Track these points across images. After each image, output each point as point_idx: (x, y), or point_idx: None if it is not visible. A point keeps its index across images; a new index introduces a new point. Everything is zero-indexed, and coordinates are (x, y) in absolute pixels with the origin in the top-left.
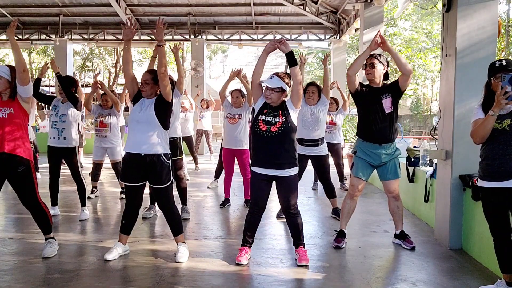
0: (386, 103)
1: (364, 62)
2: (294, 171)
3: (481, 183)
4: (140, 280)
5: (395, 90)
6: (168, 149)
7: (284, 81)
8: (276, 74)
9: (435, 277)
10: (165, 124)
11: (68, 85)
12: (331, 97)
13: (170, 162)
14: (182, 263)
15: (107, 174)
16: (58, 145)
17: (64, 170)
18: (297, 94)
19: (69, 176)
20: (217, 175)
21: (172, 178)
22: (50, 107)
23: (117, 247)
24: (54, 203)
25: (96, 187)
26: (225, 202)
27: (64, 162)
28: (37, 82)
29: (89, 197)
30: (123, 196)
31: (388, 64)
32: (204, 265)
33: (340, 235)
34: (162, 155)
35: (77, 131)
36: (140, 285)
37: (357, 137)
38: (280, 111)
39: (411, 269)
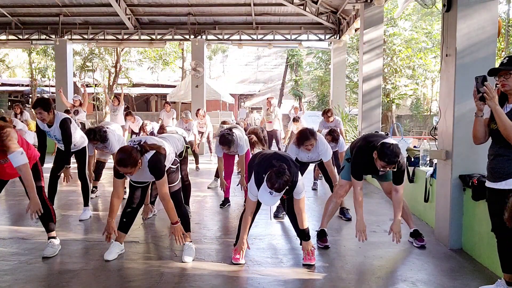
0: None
1: None
2: None
3: (486, 182)
4: (140, 280)
5: (396, 174)
6: (174, 156)
7: (284, 187)
8: (273, 186)
9: (435, 277)
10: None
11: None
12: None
13: (177, 165)
14: (188, 262)
15: (107, 174)
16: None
17: None
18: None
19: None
20: (217, 175)
21: (179, 177)
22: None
23: (114, 246)
24: (51, 203)
25: (96, 187)
26: (225, 202)
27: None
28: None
29: (90, 197)
30: (124, 196)
31: None
32: (204, 265)
33: (323, 235)
34: (170, 166)
35: (82, 132)
36: (140, 285)
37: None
38: (283, 195)
39: (411, 269)
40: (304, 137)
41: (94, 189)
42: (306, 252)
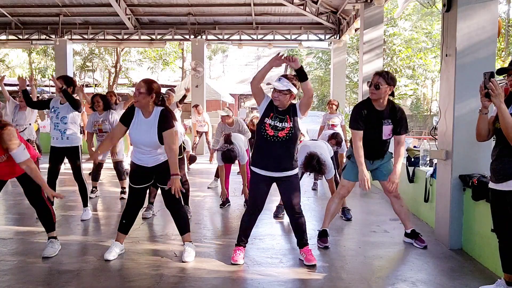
0: (386, 130)
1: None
2: (294, 171)
3: (489, 183)
4: (140, 280)
5: (397, 122)
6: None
7: (293, 83)
8: (285, 76)
9: (435, 277)
10: None
11: (70, 94)
12: (331, 100)
13: (182, 165)
14: (188, 262)
15: (107, 174)
16: (61, 145)
17: (64, 170)
18: (306, 105)
19: (69, 176)
20: (217, 175)
21: (183, 174)
22: (50, 109)
23: (115, 246)
24: (50, 203)
25: (96, 187)
26: (225, 202)
27: (64, 162)
28: (25, 95)
29: (89, 197)
30: (123, 196)
31: (394, 84)
32: (204, 265)
33: (324, 235)
34: None
35: (79, 129)
36: (140, 285)
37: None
38: (287, 116)
39: (411, 269)
40: (311, 168)
41: (94, 189)
42: (305, 253)
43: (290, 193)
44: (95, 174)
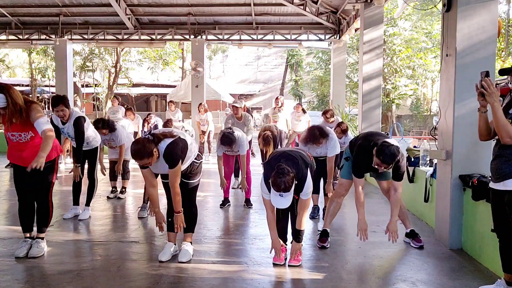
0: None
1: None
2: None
3: (490, 182)
4: (140, 280)
5: (396, 169)
6: (196, 151)
7: (293, 183)
8: (284, 185)
9: (435, 277)
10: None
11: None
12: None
13: (201, 160)
14: (183, 262)
15: (107, 173)
16: (83, 149)
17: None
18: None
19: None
20: (236, 174)
21: (200, 174)
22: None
23: (168, 247)
24: (76, 202)
25: (115, 187)
26: (225, 202)
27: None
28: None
29: (108, 197)
30: (121, 196)
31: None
32: (204, 265)
33: (324, 235)
34: (193, 160)
35: (95, 131)
36: (140, 285)
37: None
38: (295, 194)
39: (411, 269)
40: (313, 137)
41: (114, 189)
42: (291, 252)
43: (297, 189)
44: (113, 173)
